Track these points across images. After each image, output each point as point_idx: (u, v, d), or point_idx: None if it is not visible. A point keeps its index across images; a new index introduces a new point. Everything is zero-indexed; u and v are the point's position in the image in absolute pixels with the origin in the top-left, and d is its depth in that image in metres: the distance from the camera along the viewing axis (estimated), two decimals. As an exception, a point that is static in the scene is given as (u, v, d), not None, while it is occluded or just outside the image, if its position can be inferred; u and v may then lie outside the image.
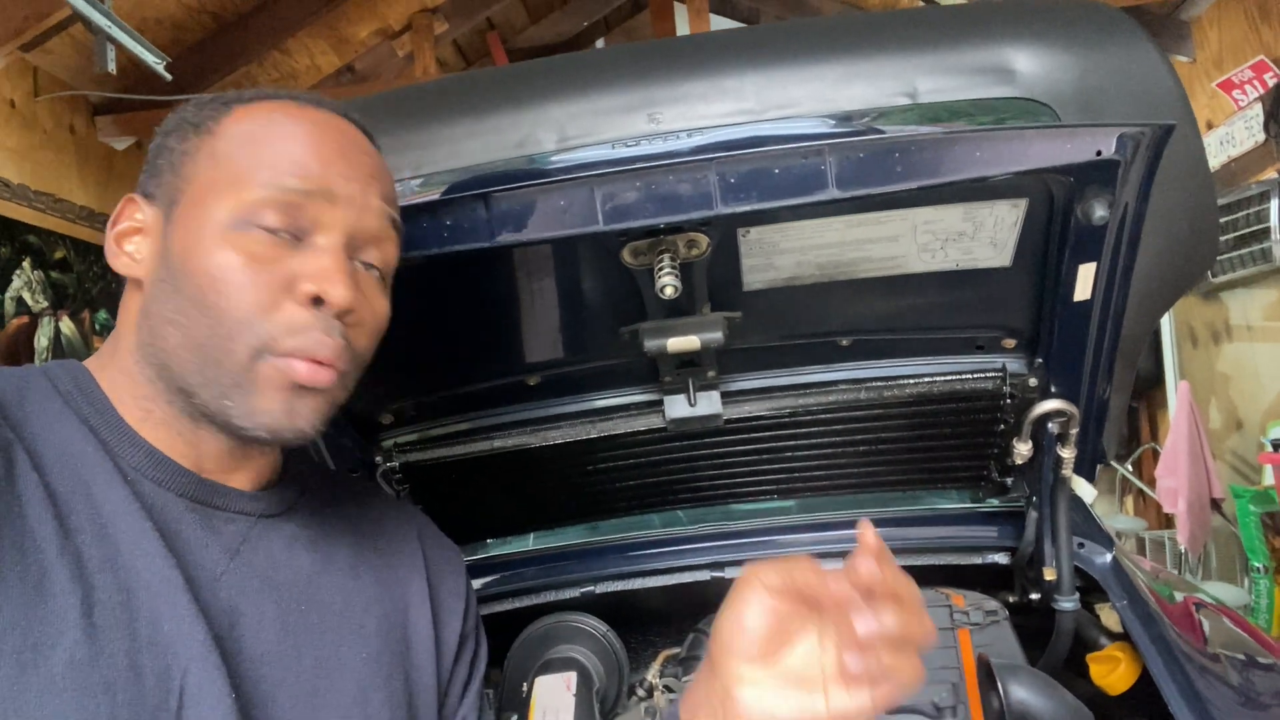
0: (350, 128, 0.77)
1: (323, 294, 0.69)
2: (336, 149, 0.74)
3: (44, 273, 3.64)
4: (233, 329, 0.68)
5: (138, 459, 0.71)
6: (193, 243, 0.70)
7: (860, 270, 1.11)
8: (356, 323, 0.73)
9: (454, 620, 0.92)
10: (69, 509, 0.65)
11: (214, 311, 0.68)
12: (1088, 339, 1.13)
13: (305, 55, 4.55)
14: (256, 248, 0.69)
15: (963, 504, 1.49)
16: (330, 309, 0.70)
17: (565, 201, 0.92)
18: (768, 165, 0.90)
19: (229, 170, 0.71)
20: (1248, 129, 3.83)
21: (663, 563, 1.46)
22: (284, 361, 0.69)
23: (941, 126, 1.02)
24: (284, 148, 0.72)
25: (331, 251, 0.71)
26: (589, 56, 1.19)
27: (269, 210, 0.69)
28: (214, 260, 0.69)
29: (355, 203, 0.73)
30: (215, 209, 0.70)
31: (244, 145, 0.72)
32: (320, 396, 0.72)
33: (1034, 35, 1.07)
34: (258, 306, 0.68)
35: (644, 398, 1.30)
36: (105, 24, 2.74)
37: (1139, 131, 0.89)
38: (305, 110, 0.75)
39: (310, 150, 0.72)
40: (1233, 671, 1.20)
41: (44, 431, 0.68)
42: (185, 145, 0.74)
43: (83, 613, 0.62)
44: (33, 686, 0.58)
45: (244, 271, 0.68)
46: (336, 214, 0.71)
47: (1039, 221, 1.04)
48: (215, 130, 0.73)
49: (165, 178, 0.74)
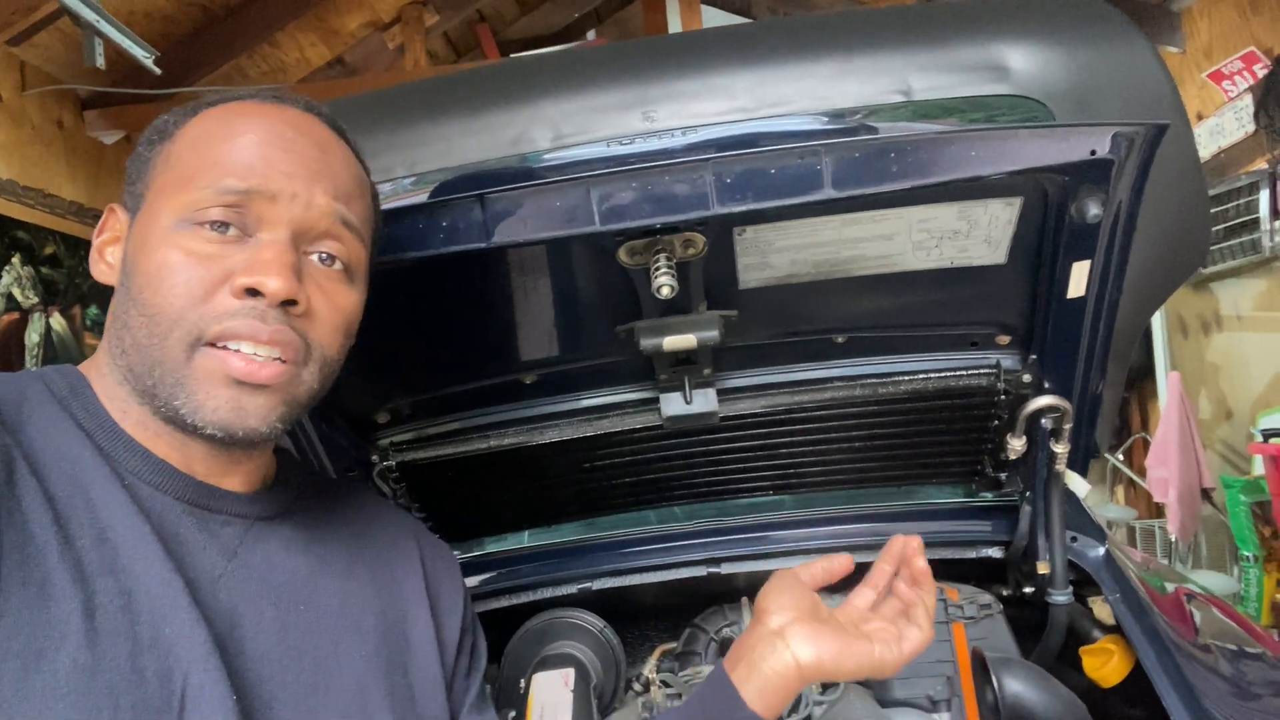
0: (309, 123, 0.76)
1: (256, 284, 0.68)
2: (281, 146, 0.73)
3: (34, 269, 3.62)
4: (168, 325, 0.68)
5: (134, 463, 0.71)
6: (140, 245, 0.71)
7: (855, 268, 1.11)
8: (306, 314, 0.72)
9: (454, 616, 0.93)
10: (68, 514, 0.65)
11: (150, 309, 0.68)
12: (1081, 335, 1.14)
13: (295, 48, 4.52)
14: (198, 245, 0.69)
15: (957, 499, 1.50)
16: (266, 300, 0.69)
17: (561, 202, 0.92)
18: (764, 165, 0.90)
19: (177, 173, 0.72)
20: (1237, 119, 3.85)
21: (659, 559, 1.46)
22: (219, 353, 0.68)
23: (937, 126, 1.02)
24: (227, 147, 0.72)
25: (271, 245, 0.70)
26: (583, 54, 1.18)
27: (211, 209, 0.69)
28: (155, 259, 0.69)
29: (299, 199, 0.72)
30: (162, 211, 0.70)
31: (192, 148, 0.73)
32: (271, 394, 0.71)
33: (1028, 32, 1.08)
34: (190, 300, 0.68)
35: (640, 395, 1.30)
36: (93, 18, 2.72)
37: (1133, 131, 0.90)
38: (262, 108, 0.75)
39: (253, 149, 0.72)
40: (1224, 662, 1.21)
41: (41, 437, 0.68)
42: (151, 151, 0.75)
43: (84, 617, 0.62)
44: (36, 691, 0.58)
45: (181, 268, 0.68)
46: (279, 210, 0.71)
47: (1033, 219, 1.04)
48: (175, 135, 0.74)
49: (136, 185, 0.75)
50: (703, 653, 1.49)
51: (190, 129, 0.74)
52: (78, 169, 3.97)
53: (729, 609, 1.53)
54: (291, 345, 0.71)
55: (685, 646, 1.51)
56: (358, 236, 0.76)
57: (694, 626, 1.53)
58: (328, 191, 0.74)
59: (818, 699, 1.40)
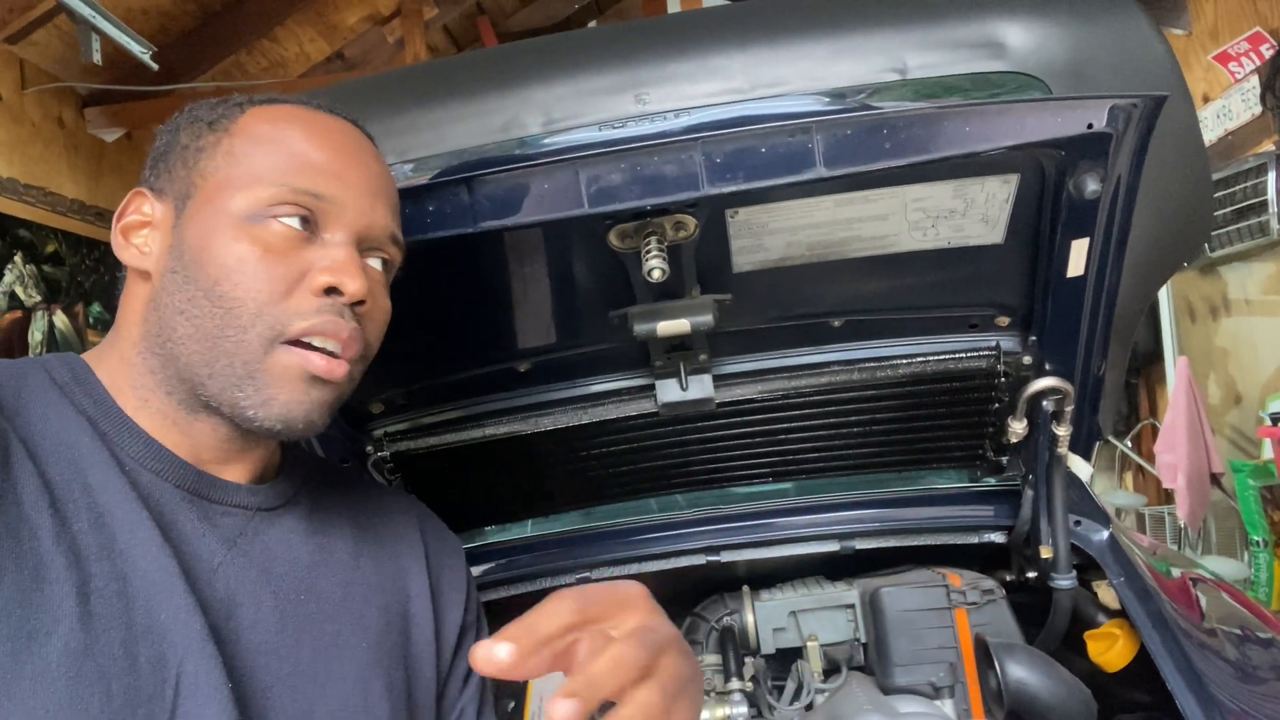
0: (359, 134, 0.79)
1: (338, 284, 0.71)
2: (353, 159, 0.76)
3: (36, 267, 3.62)
4: (247, 318, 0.69)
5: (136, 449, 0.71)
6: (208, 234, 0.71)
7: (851, 250, 1.10)
8: (368, 315, 0.75)
9: (454, 611, 0.92)
10: (65, 497, 0.65)
11: (227, 301, 0.69)
12: (1082, 315, 1.12)
13: (294, 43, 4.51)
14: (272, 239, 0.70)
15: (958, 483, 1.48)
16: (344, 299, 0.71)
17: (549, 184, 0.90)
18: (754, 144, 0.89)
19: (247, 166, 0.72)
20: (1244, 101, 3.80)
21: (658, 547, 1.45)
22: (300, 351, 0.70)
23: (930, 102, 1.00)
24: (300, 149, 0.73)
25: (343, 246, 0.73)
26: (574, 37, 1.17)
27: (284, 206, 0.71)
28: (230, 251, 0.70)
29: (364, 214, 0.74)
30: (232, 203, 0.71)
31: (261, 144, 0.73)
32: (333, 389, 0.73)
33: (1024, 7, 1.06)
34: (272, 295, 0.69)
35: (635, 382, 1.29)
36: (89, 14, 2.71)
37: (1131, 103, 0.88)
38: (317, 115, 0.77)
39: (328, 156, 0.74)
40: (1230, 646, 1.19)
41: (40, 422, 0.68)
42: (200, 142, 0.74)
43: (78, 601, 0.62)
44: (27, 674, 0.58)
45: (260, 262, 0.69)
46: (347, 218, 0.73)
47: (1031, 197, 1.03)
48: (232, 129, 0.74)
49: (177, 173, 0.74)
50: (703, 641, 1.49)
51: (249, 125, 0.75)
52: (79, 167, 3.97)
53: (729, 597, 1.52)
54: (359, 343, 0.74)
55: (686, 635, 1.50)
56: (399, 250, 0.80)
57: (694, 615, 1.52)
58: (387, 209, 0.77)
59: (819, 687, 1.39)
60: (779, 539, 1.44)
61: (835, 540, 1.43)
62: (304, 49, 4.59)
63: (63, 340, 3.70)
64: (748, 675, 1.39)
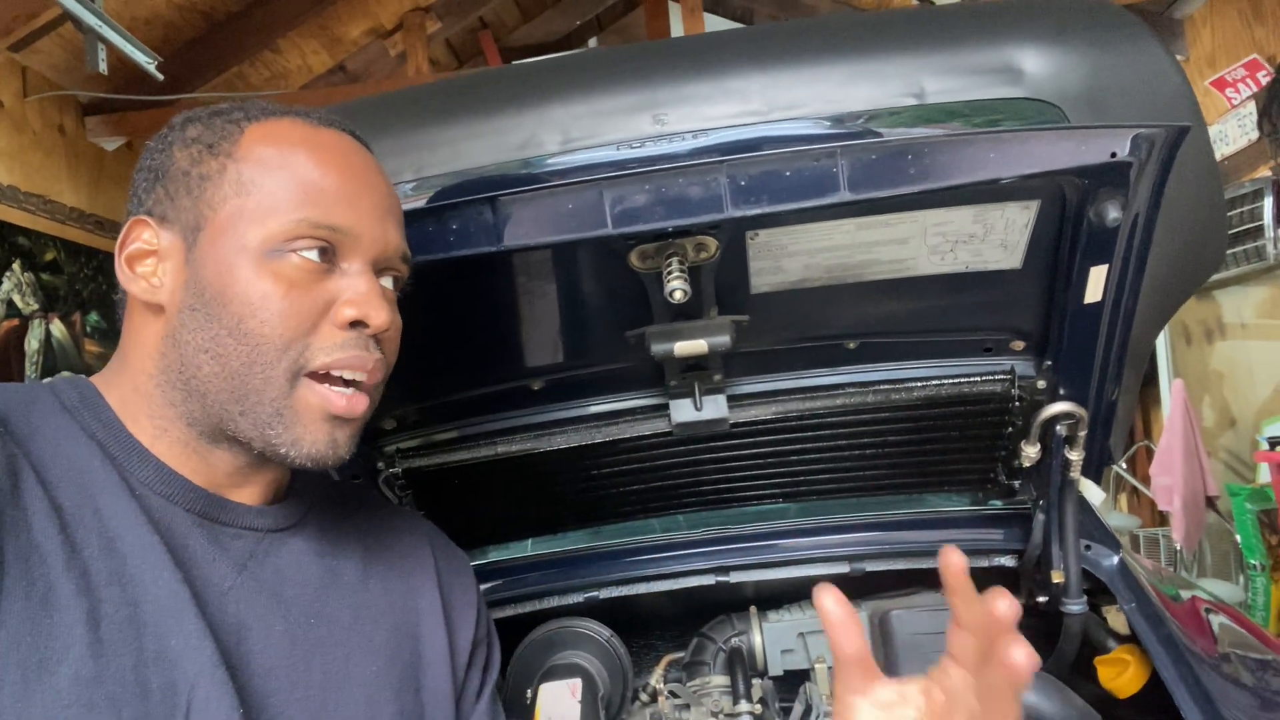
0: (361, 149, 0.79)
1: (364, 317, 0.71)
2: (363, 182, 0.75)
3: (34, 275, 3.61)
4: (273, 354, 0.69)
5: (145, 474, 0.70)
6: (227, 271, 0.69)
7: (869, 273, 1.10)
8: (388, 339, 0.76)
9: (466, 628, 0.92)
10: (75, 523, 0.64)
11: (253, 338, 0.69)
12: (1097, 341, 1.13)
13: (297, 55, 4.52)
14: (293, 274, 0.70)
15: (969, 507, 1.48)
16: (370, 330, 0.72)
17: (573, 204, 0.91)
18: (779, 168, 0.89)
19: (258, 198, 0.71)
20: (1241, 127, 3.84)
21: (667, 567, 1.45)
22: (322, 390, 0.70)
23: (954, 129, 1.01)
24: (310, 177, 0.72)
25: (363, 276, 0.73)
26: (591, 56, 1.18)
27: (302, 240, 0.70)
28: (253, 289, 0.69)
29: (379, 239, 0.74)
30: (248, 237, 0.70)
31: (270, 171, 0.72)
32: (356, 424, 0.74)
33: (1041, 35, 1.07)
34: (298, 330, 0.69)
35: (649, 402, 1.29)
36: (96, 23, 2.71)
37: (1154, 133, 0.89)
38: (319, 132, 0.76)
39: (340, 184, 0.73)
40: (1244, 672, 1.19)
41: (49, 446, 0.67)
42: (202, 168, 0.72)
43: (89, 627, 0.61)
44: (38, 702, 0.58)
45: (283, 299, 0.69)
46: (364, 246, 0.73)
47: (1050, 223, 1.03)
48: (235, 154, 0.72)
49: (182, 202, 0.72)
50: (710, 662, 1.48)
51: (252, 148, 0.72)
52: (79, 175, 3.96)
53: (737, 618, 1.51)
54: (382, 370, 0.75)
55: (693, 656, 1.49)
56: (409, 264, 0.81)
57: (702, 636, 1.51)
58: (397, 229, 0.77)
59: (828, 709, 1.38)
60: (789, 560, 1.44)
61: (845, 562, 1.42)
62: (306, 61, 4.59)
63: (60, 349, 3.68)
64: (756, 697, 1.38)
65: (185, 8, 3.87)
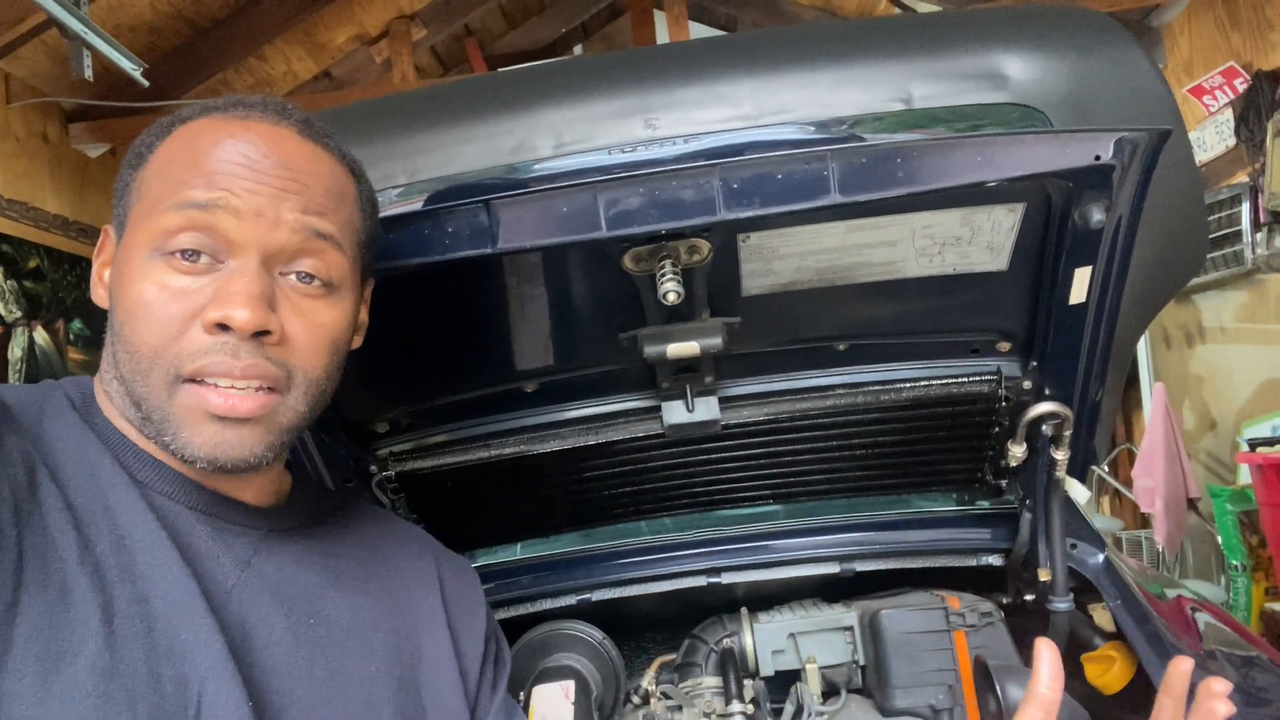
0: (279, 135, 0.73)
1: (224, 319, 0.66)
2: (245, 161, 0.70)
3: (17, 282, 3.58)
4: (148, 363, 0.68)
5: (146, 473, 0.71)
6: (120, 277, 0.70)
7: (858, 275, 1.11)
8: (283, 341, 0.70)
9: (475, 627, 0.93)
10: (88, 519, 0.66)
11: (131, 345, 0.68)
12: (1082, 342, 1.15)
13: (282, 61, 4.51)
14: (170, 278, 0.68)
15: (957, 506, 1.50)
16: (237, 333, 0.67)
17: (568, 208, 0.91)
18: (770, 171, 0.90)
19: (148, 198, 0.70)
20: (1218, 134, 3.90)
21: (660, 569, 1.46)
22: (197, 390, 0.68)
23: (941, 133, 1.02)
24: (190, 165, 0.69)
25: (240, 273, 0.68)
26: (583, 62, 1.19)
27: (178, 234, 0.68)
28: (131, 294, 0.68)
29: (265, 217, 0.69)
30: (136, 241, 0.69)
31: (161, 171, 0.71)
32: (254, 425, 0.70)
33: (1025, 41, 1.09)
34: (165, 338, 0.67)
35: (642, 404, 1.30)
36: (81, 29, 2.70)
37: (1136, 136, 0.91)
38: (228, 124, 0.72)
39: (216, 164, 0.69)
40: (1229, 668, 1.21)
41: (61, 444, 0.68)
42: (132, 174, 0.74)
43: (103, 621, 0.62)
44: (56, 693, 0.59)
45: (155, 305, 0.67)
46: (247, 230, 0.68)
47: (1035, 226, 1.05)
48: (148, 159, 0.73)
49: (118, 211, 0.74)
50: (702, 664, 1.49)
51: (163, 150, 0.72)
52: (62, 182, 3.93)
53: (728, 619, 1.52)
54: (269, 376, 0.69)
55: (685, 658, 1.50)
56: (336, 248, 0.73)
57: (693, 637, 1.52)
58: (296, 206, 0.70)
59: (819, 709, 1.39)
60: (780, 561, 1.45)
61: (835, 562, 1.44)
62: (291, 68, 4.58)
63: (43, 356, 3.66)
64: (748, 697, 1.39)
65: (170, 14, 3.86)
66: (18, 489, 0.63)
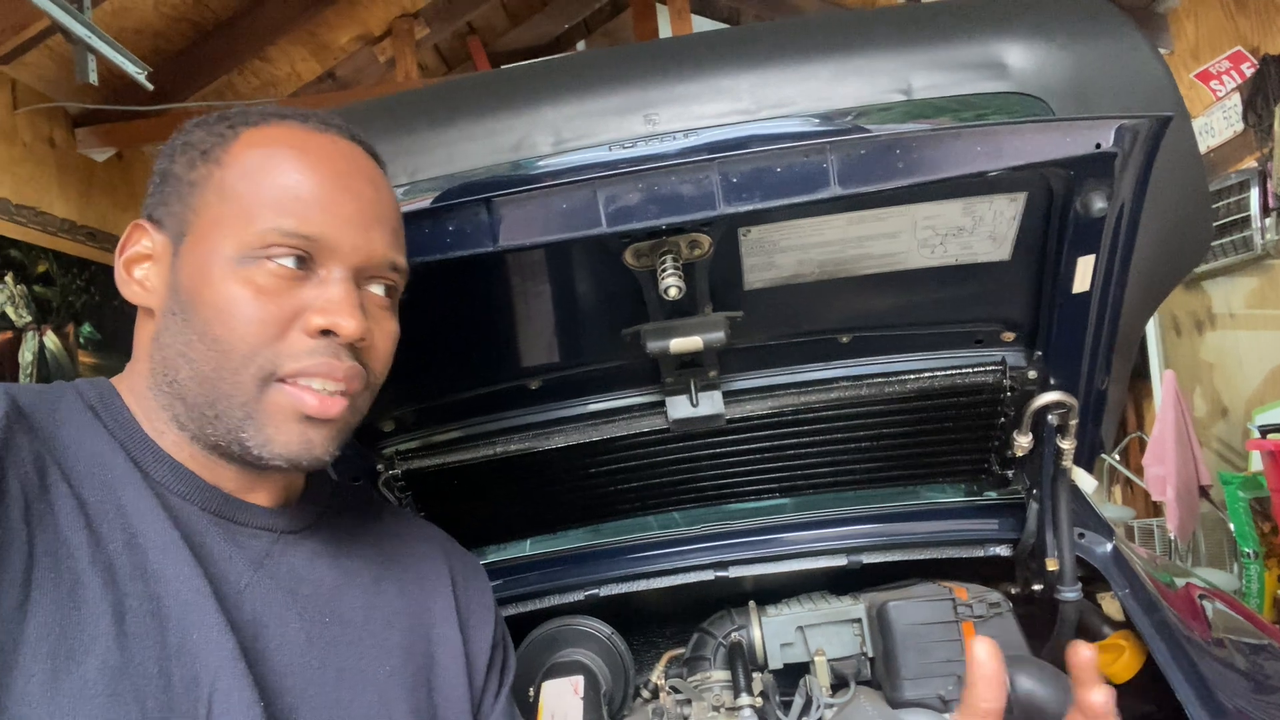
0: (359, 157, 0.77)
1: (333, 326, 0.70)
2: (343, 187, 0.73)
3: (27, 287, 3.60)
4: (240, 360, 0.69)
5: (162, 473, 0.72)
6: (201, 277, 0.70)
7: (861, 267, 1.11)
8: (369, 348, 0.75)
9: (484, 632, 0.93)
10: (100, 518, 0.66)
11: (222, 344, 0.69)
12: (1086, 330, 1.14)
13: (286, 62, 4.52)
14: (265, 281, 0.70)
15: (964, 497, 1.49)
16: (340, 340, 0.71)
17: (568, 204, 0.92)
18: (770, 164, 0.90)
19: (236, 205, 0.71)
20: (1226, 119, 3.87)
21: (666, 563, 1.46)
22: (293, 390, 0.70)
23: (942, 123, 1.02)
24: (289, 185, 0.71)
25: (340, 283, 0.72)
26: (582, 59, 1.19)
27: (275, 247, 0.70)
28: (222, 294, 0.69)
29: (360, 248, 0.73)
30: (223, 244, 0.70)
31: (248, 179, 0.72)
32: (334, 425, 0.73)
33: (1025, 30, 1.08)
34: (264, 337, 0.69)
35: (646, 399, 1.30)
36: (85, 34, 2.71)
37: (1137, 123, 0.90)
38: (312, 137, 0.75)
39: (316, 191, 0.72)
40: (1239, 656, 1.21)
41: (74, 444, 0.69)
42: (193, 175, 0.73)
43: (114, 620, 0.63)
44: (66, 691, 0.59)
45: (251, 305, 0.69)
46: (342, 254, 0.72)
47: (1038, 215, 1.05)
48: (223, 160, 0.73)
49: (174, 207, 0.73)
50: (711, 658, 1.49)
51: (240, 154, 0.73)
52: (69, 186, 3.95)
53: (736, 613, 1.52)
54: (359, 379, 0.74)
55: (693, 652, 1.50)
56: (402, 274, 0.79)
57: (702, 631, 1.52)
58: (384, 237, 0.75)
59: (828, 701, 1.40)
60: (787, 554, 1.45)
61: (842, 555, 1.44)
62: (295, 69, 4.59)
63: (53, 360, 3.68)
64: (757, 690, 1.39)
65: (174, 17, 3.87)
66: (29, 488, 0.63)
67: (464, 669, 0.88)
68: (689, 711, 1.38)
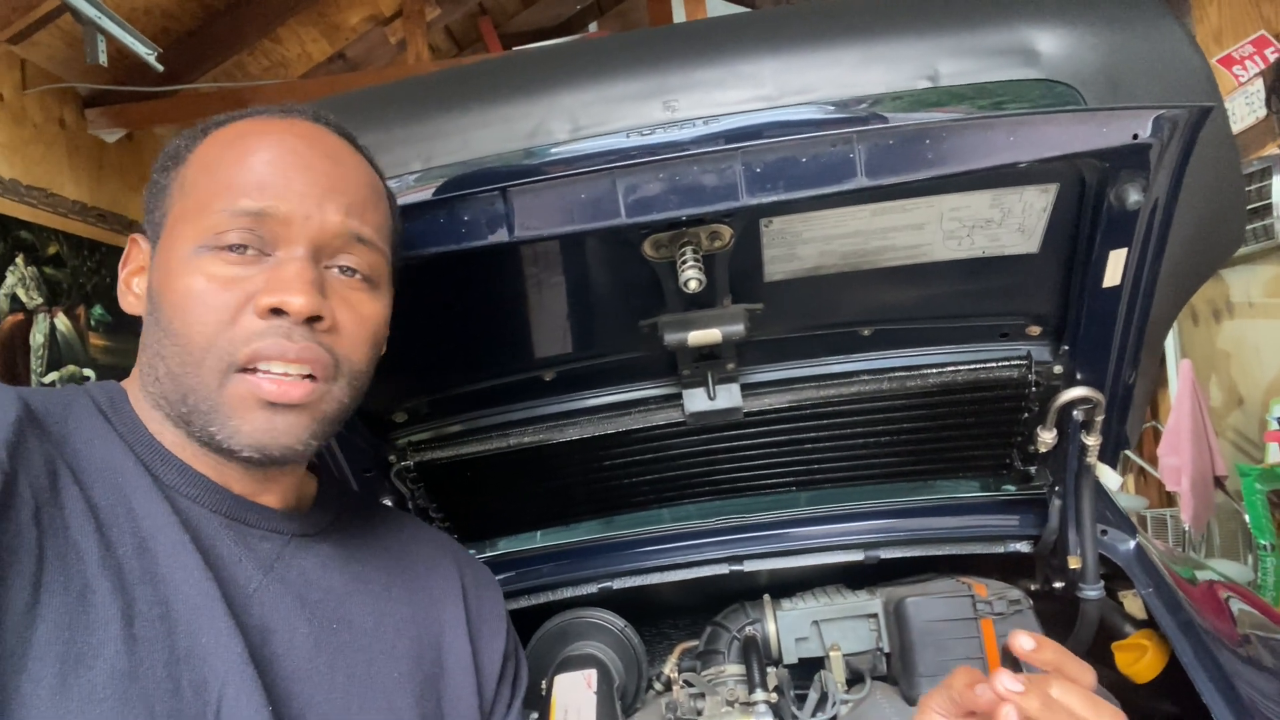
0: (319, 135, 0.76)
1: (279, 303, 0.68)
2: (292, 164, 0.72)
3: (38, 269, 3.60)
4: (199, 352, 0.68)
5: (171, 476, 0.71)
6: (165, 274, 0.71)
7: (884, 259, 1.09)
8: (332, 329, 0.72)
9: (495, 643, 0.93)
10: (110, 522, 0.66)
11: (182, 338, 0.69)
12: (1115, 325, 1.12)
13: (296, 43, 4.49)
14: (218, 269, 0.69)
15: (984, 493, 1.47)
16: (291, 318, 0.69)
17: (586, 194, 0.89)
18: (795, 154, 0.88)
19: (193, 199, 0.71)
20: (1248, 105, 3.81)
21: (681, 557, 1.44)
22: (250, 378, 0.69)
23: (971, 112, 0.99)
24: (239, 169, 0.71)
25: (291, 261, 0.70)
26: (600, 43, 1.15)
27: (228, 232, 0.69)
28: (180, 288, 0.69)
29: (313, 220, 0.71)
30: (181, 238, 0.70)
31: (204, 172, 0.72)
32: (302, 412, 0.71)
33: (1056, 14, 1.05)
34: (217, 325, 0.68)
35: (662, 391, 1.28)
36: (95, 14, 2.69)
37: (1176, 114, 0.87)
38: (270, 124, 0.74)
39: (264, 168, 0.71)
40: (1266, 655, 1.18)
41: (86, 448, 0.68)
42: (166, 179, 0.75)
43: (123, 624, 0.62)
44: (74, 696, 0.59)
45: (205, 294, 0.69)
46: (294, 230, 0.71)
47: (1069, 207, 1.02)
48: (189, 160, 0.74)
49: (155, 215, 0.75)
50: (725, 651, 1.47)
51: (201, 152, 0.74)
52: (80, 168, 3.94)
53: (750, 606, 1.50)
54: (320, 362, 0.71)
55: (707, 645, 1.49)
56: (373, 249, 0.76)
57: (716, 625, 1.51)
58: (340, 209, 0.73)
59: (844, 697, 1.38)
60: (803, 548, 1.43)
61: (860, 550, 1.42)
62: (306, 49, 4.57)
63: (64, 342, 3.68)
64: (771, 685, 1.38)
65: (184, -3, 3.85)
66: (39, 491, 0.62)
67: (473, 678, 0.88)
68: (702, 705, 1.37)
